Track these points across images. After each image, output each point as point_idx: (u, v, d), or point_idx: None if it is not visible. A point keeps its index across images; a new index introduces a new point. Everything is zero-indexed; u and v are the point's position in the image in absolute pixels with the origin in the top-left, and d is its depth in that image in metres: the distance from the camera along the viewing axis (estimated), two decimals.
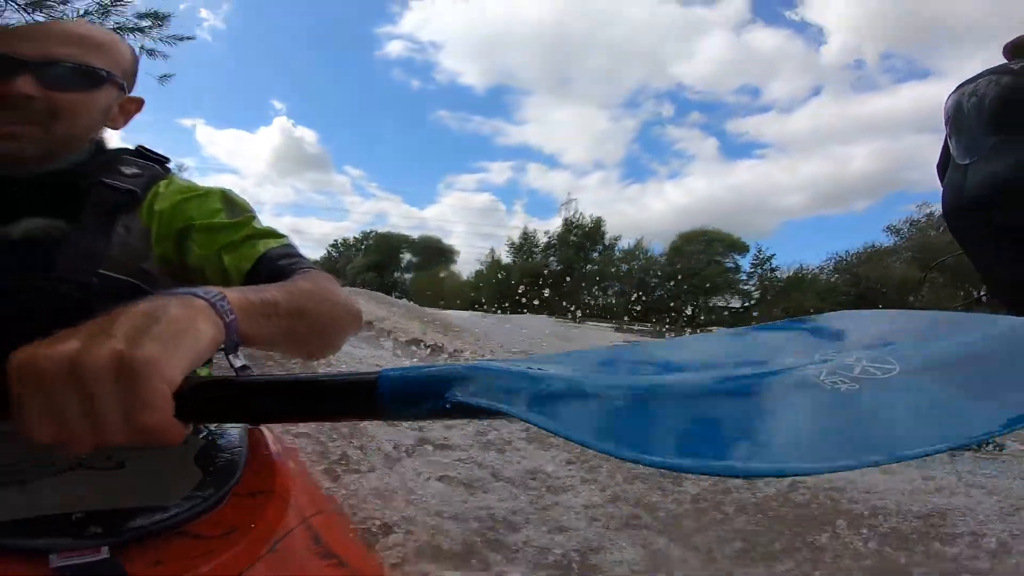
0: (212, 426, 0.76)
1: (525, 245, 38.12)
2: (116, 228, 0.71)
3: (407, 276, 42.96)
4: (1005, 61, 2.04)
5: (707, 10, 68.81)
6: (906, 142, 63.00)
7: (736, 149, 70.04)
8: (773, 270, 33.64)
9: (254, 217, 0.76)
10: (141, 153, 0.80)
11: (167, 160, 0.82)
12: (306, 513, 0.62)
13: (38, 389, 0.36)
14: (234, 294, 0.48)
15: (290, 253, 0.72)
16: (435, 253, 44.18)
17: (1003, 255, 1.93)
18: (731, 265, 33.87)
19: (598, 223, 36.68)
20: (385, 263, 42.53)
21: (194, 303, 0.43)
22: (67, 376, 0.35)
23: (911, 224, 31.25)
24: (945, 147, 2.16)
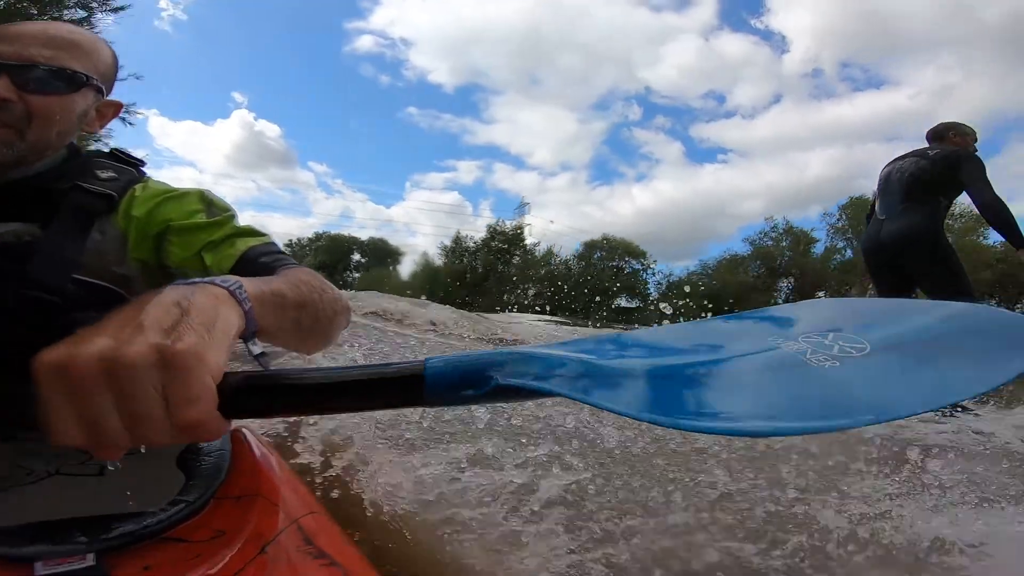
0: None
1: (456, 248, 42.04)
2: (91, 233, 0.69)
3: (356, 275, 44.99)
4: (926, 144, 3.06)
5: (677, 16, 69.83)
6: (860, 150, 65.40)
7: (700, 153, 71.35)
8: (668, 275, 39.84)
9: (234, 216, 0.75)
10: (116, 156, 0.78)
11: (143, 163, 0.80)
12: (295, 514, 0.61)
13: (70, 392, 0.33)
14: (248, 283, 0.46)
15: (272, 251, 0.71)
16: (384, 254, 46.78)
17: (896, 284, 2.98)
18: (629, 270, 39.71)
19: (519, 230, 41.07)
20: (334, 264, 44.28)
21: (216, 291, 0.42)
22: (102, 376, 0.33)
23: (763, 235, 37.67)
24: (873, 202, 3.22)
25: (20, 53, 0.66)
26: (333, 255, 44.84)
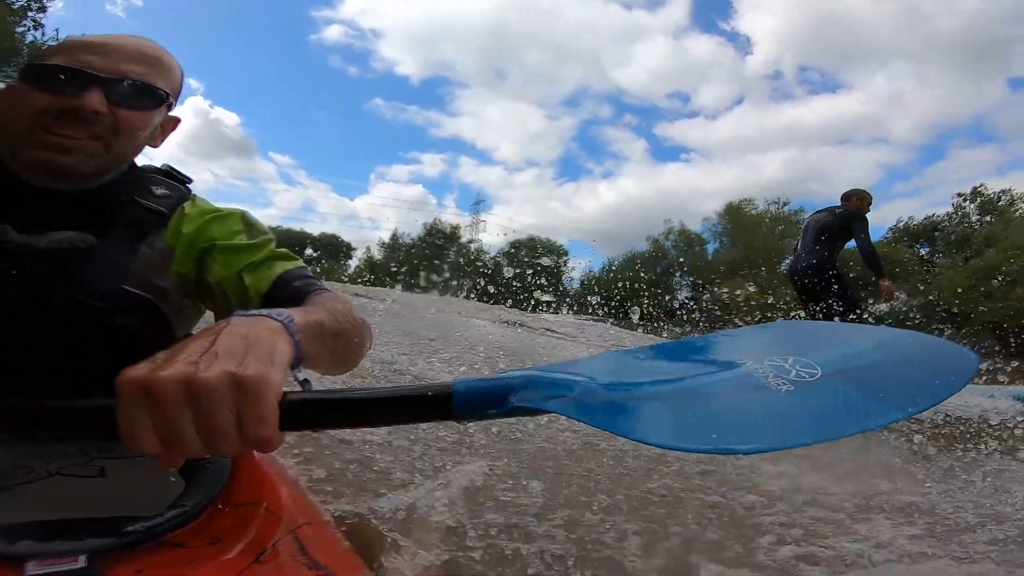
0: None
1: (395, 244, 47.37)
2: (142, 246, 0.73)
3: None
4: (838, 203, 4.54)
5: (649, 15, 70.82)
6: (814, 153, 66.47)
7: (664, 152, 72.22)
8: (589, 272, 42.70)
9: (272, 240, 0.79)
10: (168, 172, 0.82)
11: (190, 180, 0.83)
12: (293, 524, 0.60)
13: (151, 407, 0.38)
14: (298, 315, 0.51)
15: (305, 275, 0.75)
16: (336, 248, 50.47)
17: (808, 298, 4.44)
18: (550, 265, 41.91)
19: (455, 229, 46.70)
20: None
21: (271, 324, 0.47)
22: (183, 395, 0.38)
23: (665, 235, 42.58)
24: (797, 243, 4.83)
25: (114, 67, 0.68)
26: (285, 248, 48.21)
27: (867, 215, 4.46)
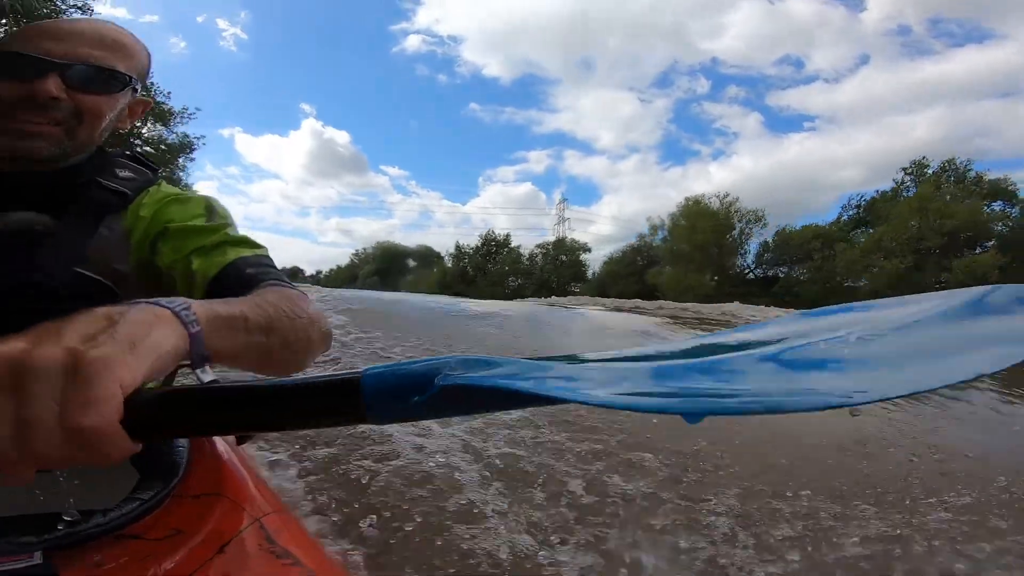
0: None
1: (460, 254, 53.91)
2: (100, 228, 0.70)
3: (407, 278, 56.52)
4: None
5: None
6: (972, 109, 60.33)
7: (782, 123, 68.16)
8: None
9: (230, 224, 0.75)
10: (135, 158, 0.80)
11: (158, 168, 0.82)
12: (257, 513, 0.59)
13: None
14: (200, 305, 0.45)
15: (262, 263, 0.70)
16: (429, 259, 58.82)
17: None
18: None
19: (506, 237, 53.09)
20: (389, 268, 57.45)
21: (156, 311, 0.41)
22: (7, 378, 0.31)
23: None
24: None
25: (71, 52, 0.66)
26: (386, 262, 57.72)
27: None
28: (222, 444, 0.75)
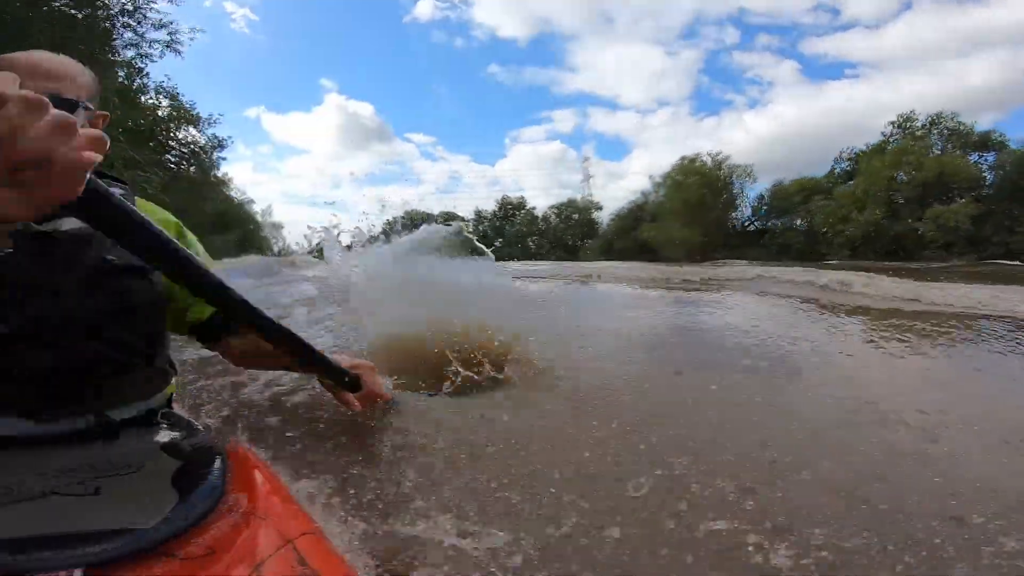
0: (188, 448, 0.76)
1: (479, 218, 54.70)
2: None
3: None
4: None
5: None
6: None
7: (820, 70, 64.72)
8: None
9: (198, 254, 0.84)
10: (102, 174, 0.85)
11: (126, 183, 0.91)
12: (290, 534, 0.60)
13: None
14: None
15: None
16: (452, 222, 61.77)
17: None
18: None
19: (521, 199, 54.30)
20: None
21: None
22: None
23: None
24: None
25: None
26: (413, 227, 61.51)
27: None
28: (257, 465, 0.77)
